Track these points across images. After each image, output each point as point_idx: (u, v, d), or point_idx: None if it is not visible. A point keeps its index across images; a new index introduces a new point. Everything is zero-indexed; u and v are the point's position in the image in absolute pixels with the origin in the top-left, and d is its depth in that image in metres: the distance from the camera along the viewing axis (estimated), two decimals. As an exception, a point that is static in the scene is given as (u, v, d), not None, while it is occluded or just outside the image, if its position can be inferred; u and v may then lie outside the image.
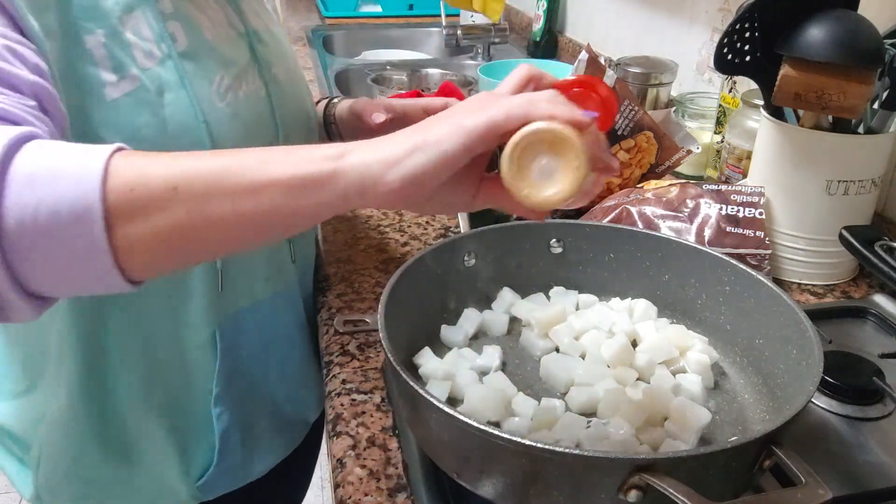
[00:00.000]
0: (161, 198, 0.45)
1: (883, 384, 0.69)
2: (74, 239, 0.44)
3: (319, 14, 2.51)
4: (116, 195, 0.44)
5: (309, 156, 0.47)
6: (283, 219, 0.48)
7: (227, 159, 0.47)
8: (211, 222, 0.46)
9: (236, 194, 0.46)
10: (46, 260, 0.45)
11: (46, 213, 0.43)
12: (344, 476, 0.63)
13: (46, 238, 0.44)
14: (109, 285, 0.47)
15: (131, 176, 0.45)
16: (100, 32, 0.62)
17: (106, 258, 0.45)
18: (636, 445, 0.58)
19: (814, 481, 0.47)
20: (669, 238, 0.76)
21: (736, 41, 0.87)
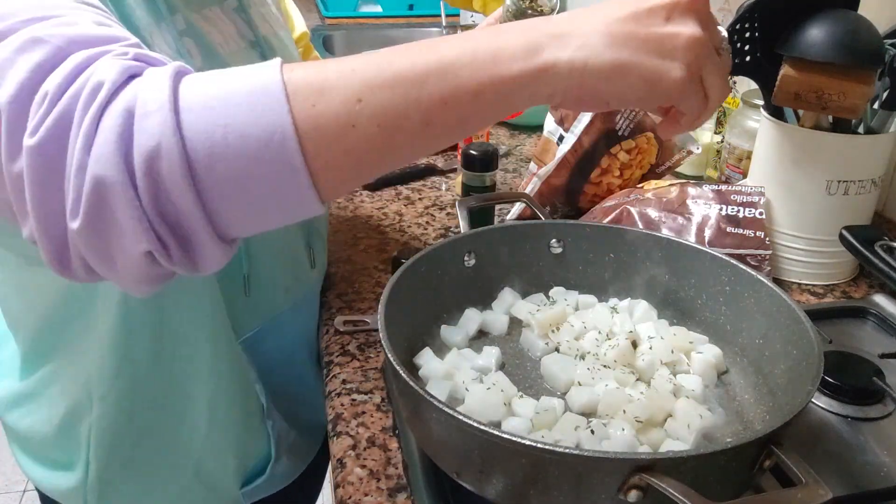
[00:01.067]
0: (348, 113, 0.43)
1: (883, 384, 0.69)
2: (268, 160, 0.42)
3: (319, 14, 2.51)
4: (302, 112, 0.42)
5: (494, 56, 0.44)
6: (477, 122, 0.47)
7: (403, 61, 0.44)
8: (403, 134, 0.45)
9: (424, 107, 0.44)
10: (241, 187, 0.43)
11: (235, 136, 0.42)
12: (344, 476, 0.63)
13: (239, 162, 0.42)
14: (305, 209, 0.45)
15: (311, 90, 0.43)
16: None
17: (303, 178, 0.43)
18: (636, 445, 0.58)
19: (814, 481, 0.47)
20: (669, 238, 0.76)
21: (736, 41, 0.87)
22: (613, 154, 1.00)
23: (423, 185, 1.20)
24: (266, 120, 0.42)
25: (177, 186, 0.42)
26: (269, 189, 0.44)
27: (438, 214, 1.10)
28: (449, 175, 1.24)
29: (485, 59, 0.45)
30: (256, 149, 0.42)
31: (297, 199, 0.44)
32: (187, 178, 0.42)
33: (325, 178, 0.44)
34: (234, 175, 0.42)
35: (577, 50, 0.45)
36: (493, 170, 1.01)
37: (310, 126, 0.43)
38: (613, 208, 0.92)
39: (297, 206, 0.45)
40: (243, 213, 0.45)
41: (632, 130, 1.00)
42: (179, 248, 0.44)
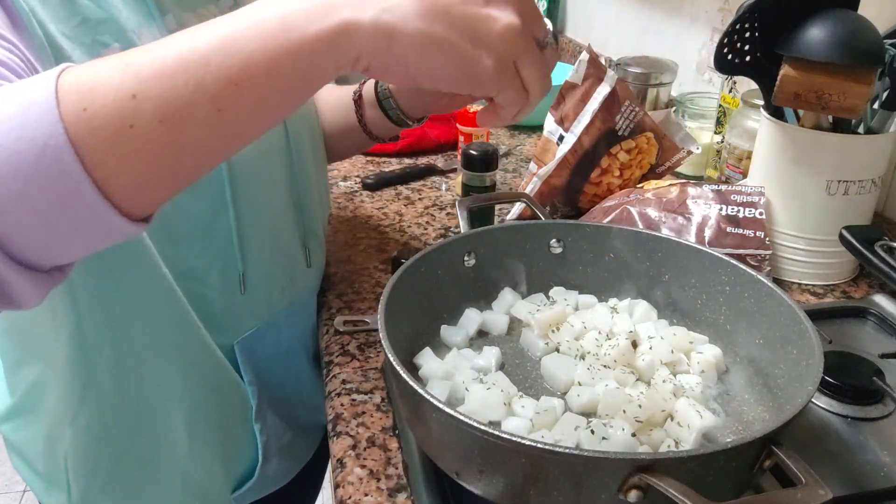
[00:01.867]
0: (122, 112, 0.39)
1: (883, 384, 0.69)
2: (46, 175, 0.38)
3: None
4: (72, 117, 0.38)
5: (283, 22, 0.40)
6: (281, 99, 0.42)
7: (182, 45, 0.40)
8: (193, 126, 0.40)
9: (211, 91, 0.39)
10: (26, 212, 0.39)
11: (7, 154, 0.37)
12: (344, 476, 0.63)
13: (16, 182, 0.38)
14: (106, 226, 0.41)
15: (82, 92, 0.39)
16: (116, 46, 0.59)
17: (88, 191, 0.39)
18: (636, 445, 0.58)
19: (814, 481, 0.47)
20: (669, 238, 0.76)
21: (736, 41, 0.87)
22: (613, 154, 1.00)
23: (423, 185, 1.20)
24: (37, 133, 0.38)
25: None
26: (57, 209, 0.39)
27: (438, 214, 1.10)
28: (449, 175, 1.24)
29: (272, 27, 0.40)
30: (31, 166, 0.38)
31: (91, 216, 0.40)
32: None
33: (117, 188, 0.40)
34: (15, 198, 0.38)
35: (383, 13, 0.41)
36: (493, 170, 1.01)
37: (84, 133, 0.38)
38: (613, 208, 0.92)
39: (95, 224, 0.40)
40: (40, 240, 0.40)
41: (632, 130, 1.00)
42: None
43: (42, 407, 0.76)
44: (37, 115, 0.38)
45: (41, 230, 0.40)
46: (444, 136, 1.32)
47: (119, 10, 0.60)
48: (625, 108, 0.99)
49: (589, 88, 1.00)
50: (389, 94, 0.90)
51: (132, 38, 0.61)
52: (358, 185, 1.19)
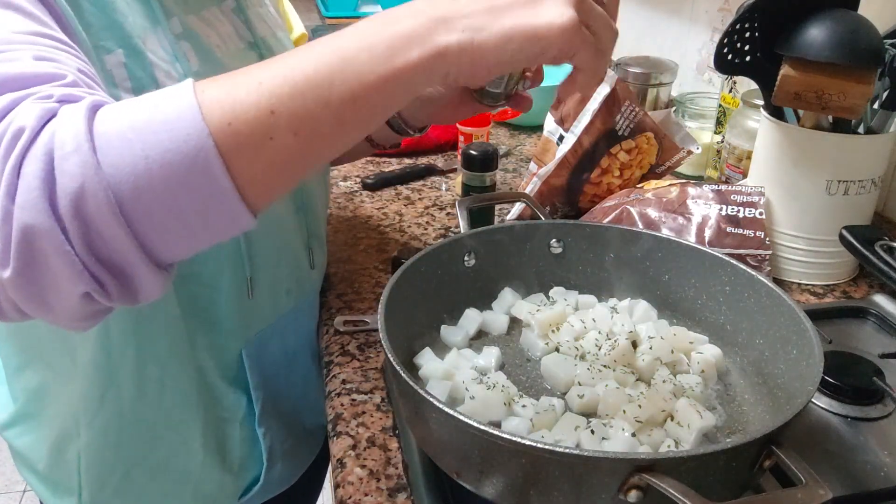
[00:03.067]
0: (263, 126, 0.44)
1: (883, 384, 0.69)
2: (194, 183, 0.42)
3: (319, 14, 2.51)
4: (219, 131, 0.43)
5: (390, 45, 0.46)
6: (385, 111, 0.48)
7: (305, 65, 0.45)
8: (319, 137, 0.46)
9: (335, 108, 0.45)
10: (171, 215, 0.43)
11: (158, 165, 0.41)
12: (344, 476, 0.63)
13: (166, 191, 0.42)
14: (238, 225, 0.46)
15: (224, 109, 0.43)
16: (119, 52, 0.60)
17: (231, 195, 0.43)
18: (636, 445, 0.58)
19: (814, 481, 0.47)
20: (669, 238, 0.76)
21: (736, 41, 0.87)
22: (613, 154, 1.00)
23: (423, 185, 1.20)
24: (188, 146, 0.42)
25: (107, 225, 0.42)
26: (200, 211, 0.44)
27: (438, 214, 1.10)
28: (449, 175, 1.24)
29: (381, 52, 0.46)
30: (182, 175, 0.42)
31: (228, 217, 0.45)
32: (116, 215, 0.42)
33: (253, 192, 0.45)
34: (163, 204, 0.43)
35: (464, 31, 0.47)
36: (493, 170, 1.01)
37: (231, 145, 0.43)
38: (613, 208, 0.92)
39: (229, 223, 0.46)
40: (177, 239, 0.45)
41: (632, 130, 1.00)
42: (116, 284, 0.44)
43: (47, 412, 0.76)
44: (185, 130, 0.42)
45: (180, 230, 0.44)
46: (444, 136, 1.32)
47: (124, 15, 0.61)
48: (625, 108, 0.99)
49: (589, 88, 1.00)
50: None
51: (137, 44, 0.61)
52: (358, 185, 1.19)
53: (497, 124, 1.48)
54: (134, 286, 0.45)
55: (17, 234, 0.41)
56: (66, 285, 0.43)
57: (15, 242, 0.41)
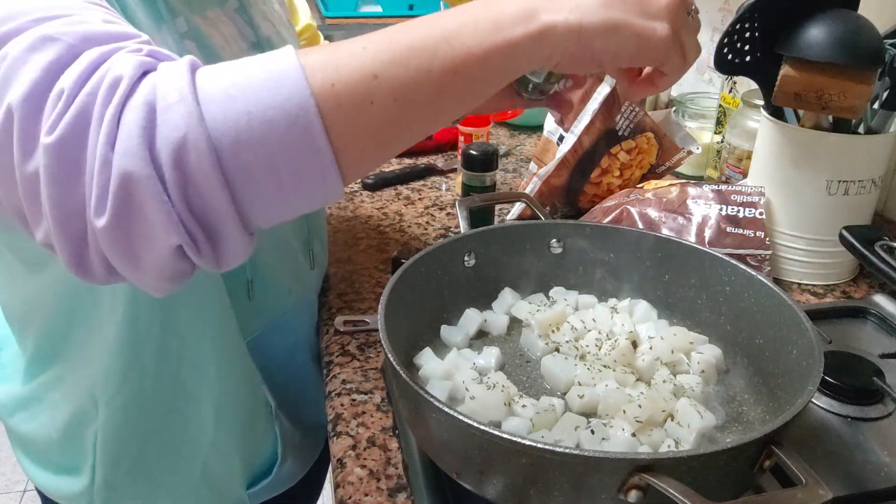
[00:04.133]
0: (366, 89, 0.44)
1: (883, 384, 0.69)
2: (293, 143, 0.43)
3: (319, 14, 2.51)
4: (321, 92, 0.43)
5: (496, 22, 0.46)
6: (484, 87, 0.48)
7: (410, 35, 0.46)
8: (418, 106, 0.46)
9: (436, 76, 0.45)
10: (268, 173, 0.43)
11: (259, 122, 0.42)
12: (344, 476, 0.64)
13: (265, 148, 0.42)
14: (328, 192, 0.45)
15: (328, 71, 0.44)
16: None
17: (327, 158, 0.43)
18: (636, 445, 0.58)
19: (814, 481, 0.47)
20: (669, 238, 0.76)
21: (736, 41, 0.87)
22: (613, 154, 1.00)
23: (423, 185, 1.20)
24: (290, 104, 0.42)
25: (206, 178, 0.42)
26: (295, 172, 0.44)
27: (438, 214, 1.10)
28: (449, 175, 1.24)
29: (487, 26, 0.46)
30: (282, 133, 0.42)
31: (321, 182, 0.45)
32: (216, 168, 0.42)
33: (348, 157, 0.45)
34: (261, 161, 0.43)
35: (571, 12, 0.48)
36: (493, 170, 1.01)
37: (331, 105, 0.43)
38: (613, 208, 0.92)
39: (321, 190, 0.45)
40: (270, 200, 0.45)
41: (632, 130, 1.00)
42: (207, 241, 0.44)
43: (61, 393, 0.76)
44: (288, 88, 0.42)
45: (275, 192, 0.44)
46: (444, 136, 1.33)
47: (133, 12, 0.61)
48: (625, 108, 0.99)
49: (589, 88, 1.00)
50: None
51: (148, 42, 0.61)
52: (358, 185, 1.19)
53: (497, 124, 1.48)
54: (221, 247, 0.45)
55: (116, 182, 0.41)
56: (161, 236, 0.42)
57: (113, 190, 0.41)
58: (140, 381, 0.72)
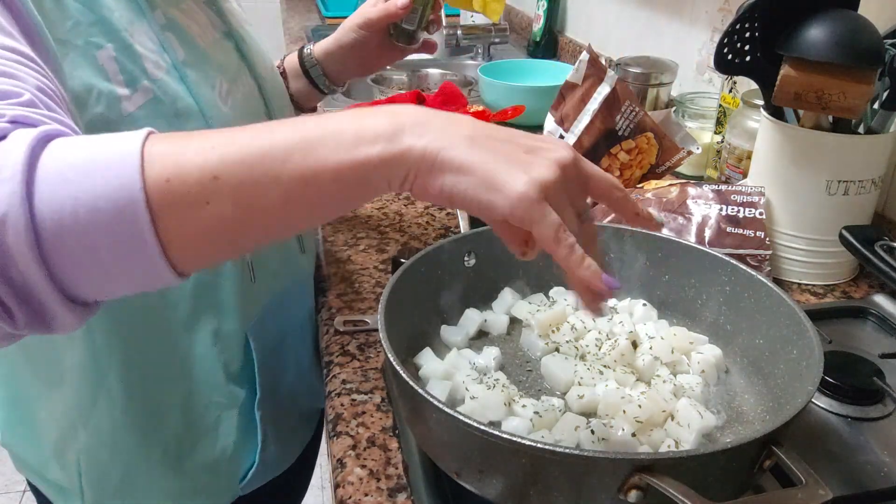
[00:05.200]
0: (202, 189, 0.43)
1: (883, 384, 0.69)
2: (118, 234, 0.42)
3: (319, 14, 2.51)
4: (155, 186, 0.42)
5: (357, 136, 0.44)
6: (332, 204, 0.46)
7: (264, 139, 0.44)
8: (260, 212, 0.44)
9: (284, 185, 0.43)
10: (90, 259, 0.42)
11: (85, 209, 0.41)
12: (344, 476, 0.64)
13: (88, 236, 0.41)
14: (158, 280, 0.44)
15: (166, 165, 0.42)
16: (110, 47, 0.61)
17: (154, 252, 0.42)
18: (636, 445, 0.58)
19: (814, 481, 0.47)
20: (669, 238, 0.76)
21: (736, 41, 0.87)
22: (613, 154, 1.00)
23: (423, 185, 1.20)
24: (118, 194, 0.41)
25: (22, 256, 0.41)
26: (121, 260, 0.43)
27: (438, 214, 1.10)
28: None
29: (348, 139, 0.44)
30: (107, 222, 0.41)
31: (149, 271, 0.44)
32: (34, 249, 0.41)
33: (181, 253, 0.44)
34: (84, 247, 0.42)
35: (434, 140, 0.44)
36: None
37: (163, 202, 0.42)
38: (613, 208, 0.92)
39: (150, 277, 0.44)
40: (95, 282, 0.44)
41: (632, 130, 1.00)
42: (27, 314, 0.43)
43: (40, 417, 0.76)
44: (121, 178, 0.41)
45: (101, 275, 0.43)
46: (444, 136, 1.32)
47: (111, 9, 0.62)
48: (625, 108, 0.99)
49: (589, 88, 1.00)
50: (316, 60, 0.96)
51: (125, 37, 0.62)
52: (358, 185, 1.19)
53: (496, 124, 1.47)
54: (46, 317, 0.44)
55: None
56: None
57: None
58: (111, 404, 0.73)
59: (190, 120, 0.65)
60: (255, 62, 0.80)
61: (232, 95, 0.72)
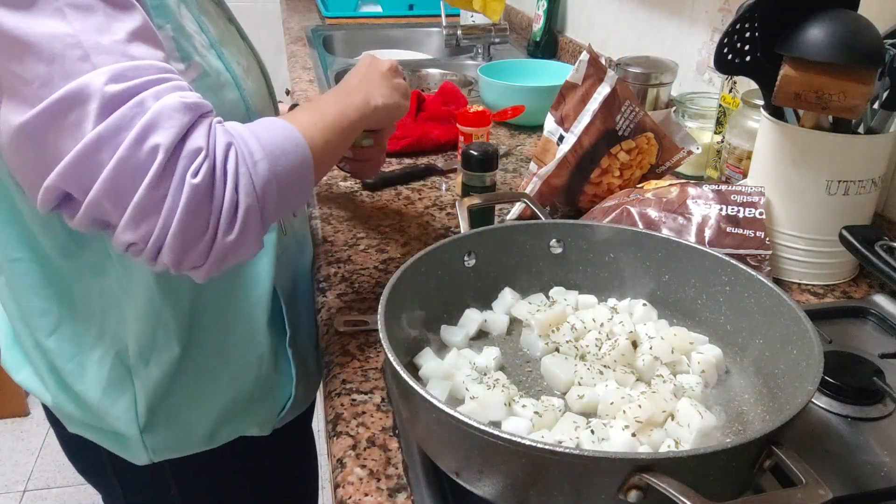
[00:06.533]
0: (325, 143, 0.72)
1: (883, 384, 0.69)
2: (303, 175, 0.68)
3: (319, 14, 2.51)
4: (312, 147, 0.69)
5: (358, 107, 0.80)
6: (357, 133, 0.80)
7: (331, 115, 0.75)
8: (336, 145, 0.75)
9: (343, 131, 0.76)
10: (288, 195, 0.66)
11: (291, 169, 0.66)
12: (344, 476, 0.64)
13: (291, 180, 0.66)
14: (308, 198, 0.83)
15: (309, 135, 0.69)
16: (169, 27, 0.69)
17: (311, 177, 0.69)
18: (636, 445, 0.58)
19: (814, 481, 0.47)
20: (669, 238, 0.76)
21: (736, 41, 0.87)
22: (613, 154, 1.00)
23: (423, 185, 1.20)
24: (301, 156, 0.68)
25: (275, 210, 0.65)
26: (299, 191, 0.68)
27: (438, 214, 1.10)
28: (449, 175, 1.24)
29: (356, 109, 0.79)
30: (297, 170, 0.67)
31: (308, 192, 0.71)
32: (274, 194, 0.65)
33: (317, 177, 0.72)
34: (288, 187, 0.66)
35: (381, 98, 0.83)
36: (493, 170, 1.01)
37: (315, 153, 0.69)
38: (613, 208, 0.92)
39: (307, 195, 0.72)
40: (282, 211, 0.67)
41: (632, 130, 1.00)
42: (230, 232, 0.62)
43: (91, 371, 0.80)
44: (294, 147, 0.67)
45: (286, 205, 0.67)
46: (444, 136, 1.33)
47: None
48: (625, 108, 0.99)
49: (589, 88, 1.00)
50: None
51: (178, 19, 0.71)
52: (358, 185, 1.19)
53: (497, 124, 1.48)
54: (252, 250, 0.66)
55: (243, 212, 0.61)
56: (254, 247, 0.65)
57: (241, 216, 0.61)
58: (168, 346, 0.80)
59: (229, 91, 0.76)
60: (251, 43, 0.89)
61: (249, 72, 0.82)
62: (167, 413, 0.83)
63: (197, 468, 0.89)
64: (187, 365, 0.82)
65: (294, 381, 0.92)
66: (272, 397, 0.90)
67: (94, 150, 0.56)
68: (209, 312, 0.81)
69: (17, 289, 0.78)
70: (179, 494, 0.91)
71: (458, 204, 0.83)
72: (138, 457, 0.84)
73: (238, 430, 0.89)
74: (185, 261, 0.61)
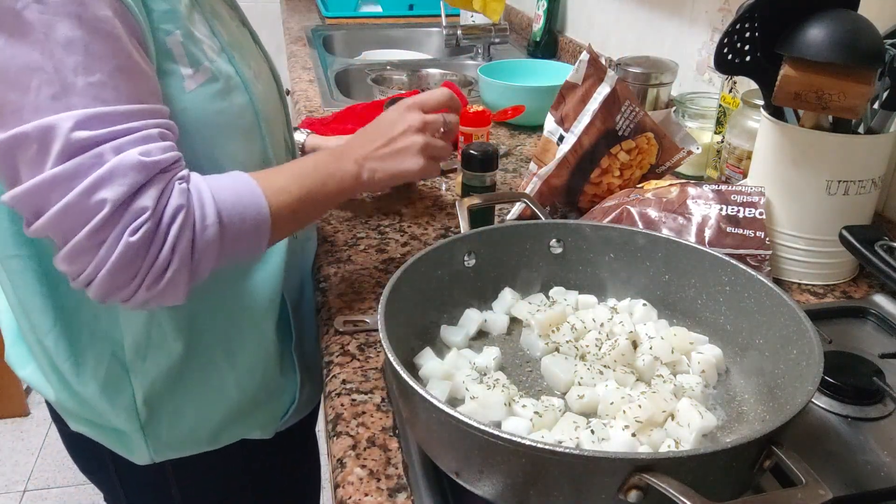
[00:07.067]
0: (293, 212, 0.74)
1: (883, 384, 0.69)
2: (254, 239, 0.70)
3: (319, 14, 2.51)
4: (273, 209, 0.71)
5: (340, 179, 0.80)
6: (334, 203, 0.86)
7: (309, 183, 0.76)
8: (309, 213, 0.79)
9: (320, 200, 0.78)
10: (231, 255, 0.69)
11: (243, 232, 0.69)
12: (344, 476, 0.64)
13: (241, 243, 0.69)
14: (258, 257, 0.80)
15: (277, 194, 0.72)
16: (178, 33, 0.71)
17: (264, 244, 0.72)
18: (636, 445, 0.58)
19: (814, 481, 0.47)
20: (669, 238, 0.76)
21: (736, 41, 0.87)
22: (613, 154, 1.00)
23: (423, 185, 1.20)
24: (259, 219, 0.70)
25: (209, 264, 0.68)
26: (245, 253, 0.72)
27: (438, 214, 1.10)
28: (449, 175, 1.24)
29: (339, 180, 0.79)
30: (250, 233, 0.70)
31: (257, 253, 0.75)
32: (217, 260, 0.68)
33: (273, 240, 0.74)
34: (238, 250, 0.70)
35: (375, 169, 0.82)
36: (493, 170, 1.01)
37: (277, 217, 0.72)
38: (613, 208, 0.92)
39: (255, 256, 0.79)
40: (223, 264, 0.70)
41: (632, 130, 1.00)
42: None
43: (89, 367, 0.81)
44: (254, 214, 0.70)
45: (224, 264, 0.70)
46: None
47: (177, 2, 0.71)
48: (625, 108, 0.99)
49: (589, 88, 1.00)
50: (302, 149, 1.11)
51: (187, 24, 0.72)
52: (358, 185, 1.19)
53: (497, 124, 1.48)
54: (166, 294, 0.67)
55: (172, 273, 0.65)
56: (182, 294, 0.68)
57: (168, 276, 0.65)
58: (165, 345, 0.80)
59: (239, 95, 0.77)
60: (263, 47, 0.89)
61: (259, 76, 0.82)
62: (169, 413, 0.83)
63: (198, 468, 0.90)
64: (191, 366, 0.82)
65: (298, 385, 0.92)
66: (276, 401, 0.91)
67: (48, 189, 0.60)
68: (212, 313, 0.82)
69: (18, 286, 0.78)
70: (180, 494, 0.91)
71: (458, 204, 0.83)
72: (139, 456, 0.85)
73: (241, 432, 0.89)
74: (109, 299, 0.65)
